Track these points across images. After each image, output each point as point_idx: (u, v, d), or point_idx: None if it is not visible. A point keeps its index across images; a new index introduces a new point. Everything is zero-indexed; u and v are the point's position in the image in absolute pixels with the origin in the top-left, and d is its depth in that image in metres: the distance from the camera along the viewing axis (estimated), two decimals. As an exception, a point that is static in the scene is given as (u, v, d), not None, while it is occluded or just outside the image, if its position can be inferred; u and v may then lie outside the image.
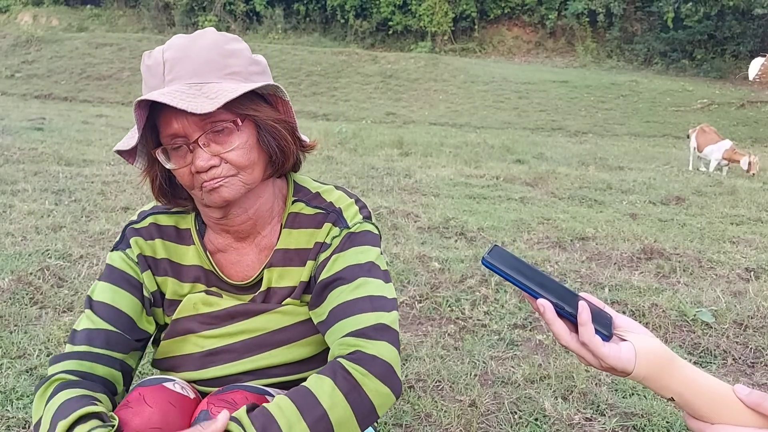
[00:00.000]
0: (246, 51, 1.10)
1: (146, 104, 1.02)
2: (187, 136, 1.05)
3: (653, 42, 21.81)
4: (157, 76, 1.05)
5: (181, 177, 1.09)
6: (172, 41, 1.07)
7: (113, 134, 9.04)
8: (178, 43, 1.06)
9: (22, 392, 2.09)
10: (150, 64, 1.06)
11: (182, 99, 0.99)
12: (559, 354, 2.53)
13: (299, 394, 0.98)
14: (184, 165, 1.07)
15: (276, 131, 1.11)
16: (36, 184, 5.26)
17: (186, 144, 1.05)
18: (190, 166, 1.06)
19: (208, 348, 1.19)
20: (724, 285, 3.45)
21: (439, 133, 11.81)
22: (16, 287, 2.92)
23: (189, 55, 1.05)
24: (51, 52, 18.46)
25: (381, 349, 1.04)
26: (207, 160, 1.05)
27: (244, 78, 1.07)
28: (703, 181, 7.34)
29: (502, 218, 4.83)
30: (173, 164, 1.07)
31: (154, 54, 1.07)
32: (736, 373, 2.50)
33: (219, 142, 1.06)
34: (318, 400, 0.97)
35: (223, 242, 1.21)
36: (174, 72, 1.04)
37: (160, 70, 1.04)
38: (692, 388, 0.83)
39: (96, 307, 1.16)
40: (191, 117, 1.03)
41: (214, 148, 1.06)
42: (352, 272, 1.13)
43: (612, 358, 0.84)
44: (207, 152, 1.05)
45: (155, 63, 1.05)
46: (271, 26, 24.37)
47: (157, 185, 1.16)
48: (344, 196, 1.23)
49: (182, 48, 1.05)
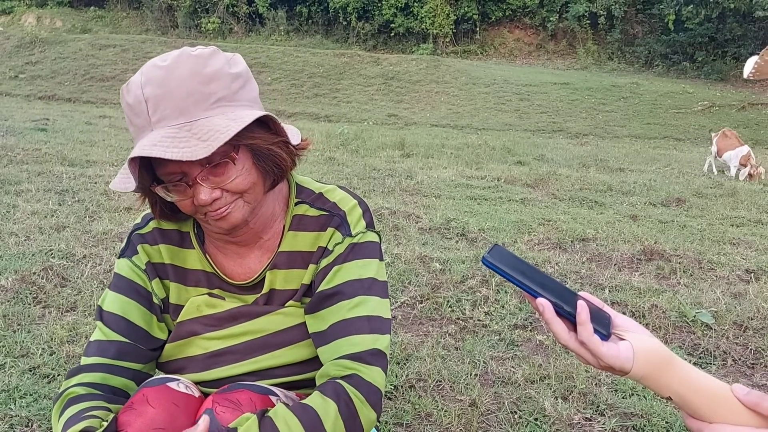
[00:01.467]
0: (225, 67, 1.04)
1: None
2: (185, 173, 1.04)
3: (654, 44, 21.80)
4: (141, 116, 1.01)
5: (184, 207, 1.09)
6: (149, 73, 1.02)
7: (116, 135, 9.07)
8: (155, 76, 1.01)
9: (25, 391, 2.10)
10: (131, 103, 1.02)
11: (175, 147, 0.96)
12: (559, 354, 2.54)
13: (308, 416, 1.01)
14: (186, 198, 1.07)
15: (271, 152, 1.09)
16: (39, 185, 5.28)
17: (185, 181, 1.04)
18: (192, 198, 1.06)
19: (211, 350, 1.20)
20: (724, 286, 3.46)
21: (440, 134, 11.82)
22: (20, 287, 2.94)
23: (170, 90, 1.00)
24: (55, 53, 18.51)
25: (375, 375, 1.09)
26: (209, 194, 1.04)
27: (229, 101, 1.03)
28: (704, 183, 7.35)
29: (502, 219, 4.84)
30: (174, 197, 1.07)
31: (132, 90, 1.03)
32: (736, 374, 2.51)
33: (218, 174, 1.04)
34: (323, 425, 1.01)
35: (223, 247, 1.22)
36: (159, 112, 1.00)
37: (143, 108, 1.01)
38: (690, 388, 0.84)
39: (107, 319, 1.18)
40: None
41: (213, 181, 1.05)
42: (353, 288, 1.15)
43: (610, 357, 0.84)
44: (207, 186, 1.04)
45: (136, 101, 1.01)
46: (273, 28, 24.40)
47: (158, 210, 1.16)
48: (347, 197, 1.24)
49: (161, 83, 1.00)
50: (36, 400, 2.06)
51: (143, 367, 1.20)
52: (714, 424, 0.83)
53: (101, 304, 1.20)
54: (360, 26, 23.81)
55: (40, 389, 2.12)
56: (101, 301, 1.21)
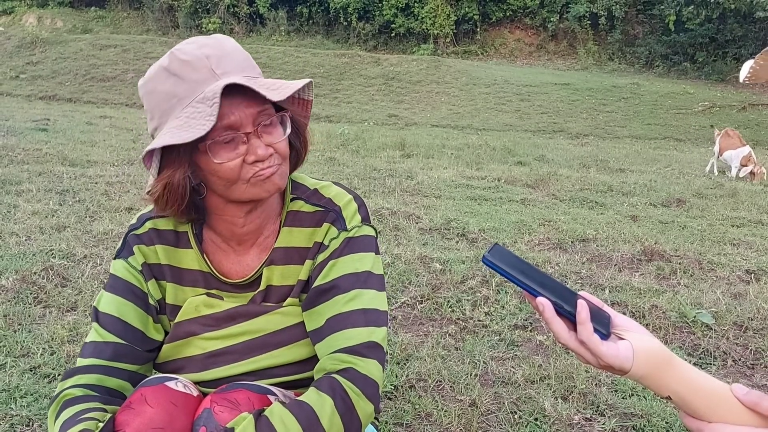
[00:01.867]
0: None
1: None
2: (242, 127, 1.07)
3: (655, 45, 21.79)
4: (202, 70, 1.05)
5: (228, 170, 1.08)
6: (199, 41, 1.09)
7: (117, 135, 9.07)
8: (207, 42, 1.08)
9: (25, 390, 2.11)
10: (189, 60, 1.05)
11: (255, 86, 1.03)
12: (559, 355, 2.54)
13: (304, 413, 1.01)
14: (236, 157, 1.07)
15: (301, 128, 1.18)
16: (40, 185, 5.28)
17: (245, 134, 1.07)
18: (243, 156, 1.07)
19: (210, 350, 1.20)
20: (724, 287, 3.46)
21: (440, 135, 11.82)
22: (21, 287, 2.95)
23: (228, 52, 1.08)
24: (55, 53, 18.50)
25: (372, 368, 1.09)
26: (265, 149, 1.08)
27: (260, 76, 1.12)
28: (704, 184, 7.34)
29: (503, 220, 4.84)
30: (222, 158, 1.07)
31: (187, 51, 1.07)
32: (736, 375, 2.51)
33: (269, 133, 1.10)
34: (320, 421, 1.01)
35: (223, 245, 1.22)
36: (223, 66, 1.06)
37: (205, 63, 1.05)
38: (689, 387, 0.84)
39: (102, 320, 1.18)
40: (247, 109, 1.06)
41: (266, 139, 1.09)
42: (348, 282, 1.15)
43: (610, 356, 0.84)
44: (262, 143, 1.08)
45: (195, 58, 1.05)
46: (274, 28, 24.40)
47: (181, 192, 1.10)
48: (342, 192, 1.24)
49: (217, 47, 1.08)
50: (36, 399, 2.06)
51: (139, 368, 1.19)
52: (713, 424, 0.83)
53: (97, 305, 1.20)
54: (360, 27, 23.81)
55: (40, 389, 2.13)
56: (97, 302, 1.21)
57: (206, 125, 1.00)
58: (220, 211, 1.17)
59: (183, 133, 1.02)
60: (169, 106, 1.06)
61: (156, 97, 1.08)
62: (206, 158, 1.07)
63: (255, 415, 1.00)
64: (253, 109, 1.07)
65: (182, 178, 1.08)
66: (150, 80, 1.09)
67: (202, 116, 1.01)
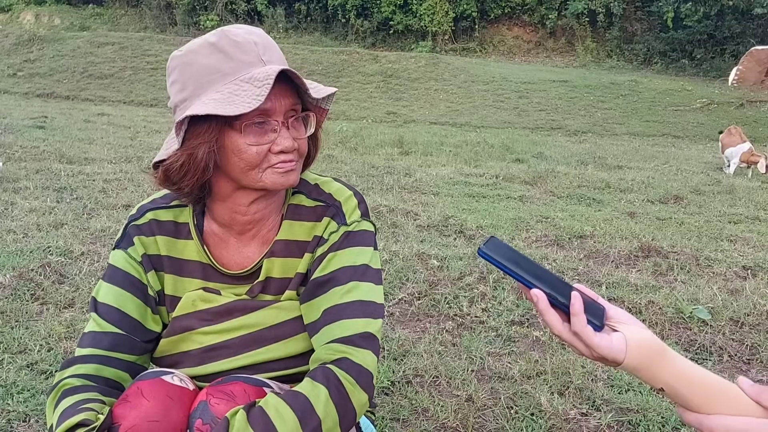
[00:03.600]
0: None
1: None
2: (275, 115, 1.09)
3: (653, 42, 21.79)
4: (250, 53, 1.08)
5: (253, 154, 1.09)
6: (245, 27, 1.12)
7: (114, 133, 9.06)
8: (255, 31, 1.12)
9: (22, 386, 2.11)
10: (239, 41, 1.08)
11: (304, 79, 1.07)
12: (555, 350, 2.55)
13: (298, 402, 1.01)
14: (265, 143, 1.10)
15: (319, 131, 1.20)
16: (38, 182, 5.28)
17: (277, 122, 1.10)
18: (269, 144, 1.10)
19: (206, 344, 1.20)
20: (721, 283, 3.47)
21: (439, 132, 11.82)
22: (18, 283, 2.95)
23: (272, 45, 1.13)
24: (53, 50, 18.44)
25: (366, 358, 1.09)
26: (292, 141, 1.11)
27: None
28: (702, 180, 7.36)
29: (501, 216, 4.85)
30: (250, 140, 1.09)
31: (237, 33, 1.10)
32: (732, 370, 2.52)
33: (296, 128, 1.13)
34: (315, 410, 1.01)
35: (224, 236, 1.23)
36: (268, 55, 1.10)
37: (253, 48, 1.09)
38: (683, 380, 0.84)
39: (101, 310, 1.18)
40: (283, 100, 1.09)
41: (292, 133, 1.12)
42: (346, 274, 1.16)
43: (603, 347, 0.85)
44: (290, 135, 1.11)
45: (245, 41, 1.09)
46: (272, 25, 24.36)
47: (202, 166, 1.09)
48: (343, 188, 1.26)
49: (263, 36, 1.12)
50: (33, 395, 2.07)
51: (137, 358, 1.20)
52: (713, 415, 0.83)
53: (95, 296, 1.20)
54: (359, 24, 23.78)
55: (37, 385, 2.13)
56: (95, 293, 1.21)
57: (251, 104, 1.03)
58: (225, 197, 1.17)
59: (227, 106, 1.03)
60: (210, 80, 1.08)
61: (194, 69, 1.09)
62: (235, 137, 1.09)
63: (246, 407, 1.01)
64: (288, 102, 1.11)
65: (207, 152, 1.08)
66: (191, 52, 1.10)
67: (247, 95, 1.04)
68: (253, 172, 1.10)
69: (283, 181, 1.12)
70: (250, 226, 1.21)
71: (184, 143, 1.09)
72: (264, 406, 1.01)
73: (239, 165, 1.10)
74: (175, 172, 1.10)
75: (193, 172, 1.09)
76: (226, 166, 1.12)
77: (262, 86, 1.03)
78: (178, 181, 1.11)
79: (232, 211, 1.18)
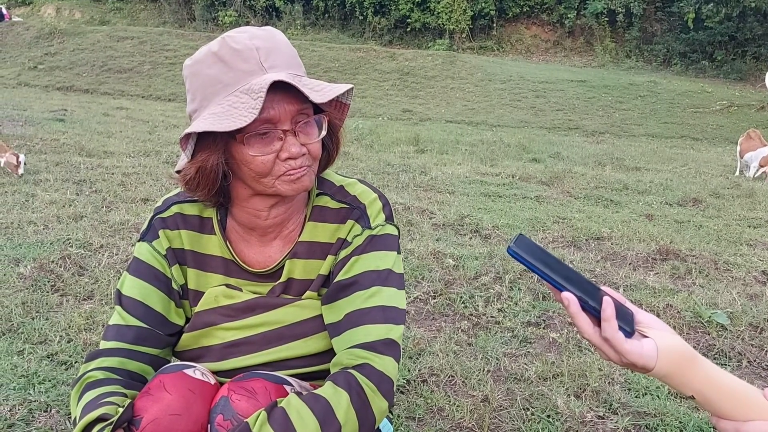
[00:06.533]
0: None
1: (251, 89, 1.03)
2: (279, 123, 1.07)
3: (673, 42, 21.55)
4: (250, 61, 1.06)
5: (260, 164, 1.08)
6: (250, 32, 1.09)
7: (133, 126, 9.14)
8: (258, 34, 1.09)
9: (44, 377, 2.14)
10: (239, 48, 1.06)
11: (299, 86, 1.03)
12: (572, 352, 2.54)
13: (320, 406, 1.02)
14: (270, 152, 1.08)
15: (335, 129, 1.18)
16: (58, 175, 5.34)
17: (282, 130, 1.08)
18: (277, 153, 1.08)
19: (228, 340, 1.21)
20: (740, 287, 3.43)
21: (455, 130, 11.79)
22: (38, 275, 2.98)
23: (277, 46, 1.09)
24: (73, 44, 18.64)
25: (387, 365, 1.09)
26: (299, 147, 1.09)
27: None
28: (721, 183, 7.27)
29: (517, 216, 4.83)
30: (256, 151, 1.08)
31: (238, 39, 1.07)
32: (751, 376, 2.49)
33: (305, 132, 1.11)
34: (335, 415, 1.02)
35: (246, 236, 1.23)
36: (270, 60, 1.07)
37: (254, 55, 1.06)
38: (714, 387, 0.83)
39: (125, 303, 1.19)
40: (287, 106, 1.07)
41: (301, 138, 1.10)
42: (369, 279, 1.16)
43: (634, 354, 0.84)
44: (297, 141, 1.09)
45: (245, 48, 1.06)
46: (290, 22, 24.42)
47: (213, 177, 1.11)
48: (368, 190, 1.25)
49: (268, 39, 1.08)
50: (54, 386, 2.09)
51: (160, 352, 1.21)
52: (752, 422, 0.81)
53: (120, 288, 1.21)
54: (376, 21, 23.76)
55: (58, 375, 2.16)
56: (120, 285, 1.22)
57: (247, 117, 1.01)
58: (244, 202, 1.18)
59: (224, 120, 1.03)
60: (212, 91, 1.07)
61: (200, 80, 1.09)
62: (241, 148, 1.08)
63: (268, 408, 1.01)
64: (294, 107, 1.08)
65: (215, 164, 1.09)
66: (197, 62, 1.10)
67: (245, 107, 1.02)
68: (265, 180, 1.11)
69: (296, 188, 1.11)
70: (271, 230, 1.21)
71: (194, 156, 1.10)
72: (286, 407, 1.01)
73: (250, 174, 1.11)
74: (190, 182, 1.13)
75: (206, 182, 1.11)
76: (239, 174, 1.13)
77: (257, 99, 1.02)
78: (194, 189, 1.14)
79: (252, 215, 1.19)
